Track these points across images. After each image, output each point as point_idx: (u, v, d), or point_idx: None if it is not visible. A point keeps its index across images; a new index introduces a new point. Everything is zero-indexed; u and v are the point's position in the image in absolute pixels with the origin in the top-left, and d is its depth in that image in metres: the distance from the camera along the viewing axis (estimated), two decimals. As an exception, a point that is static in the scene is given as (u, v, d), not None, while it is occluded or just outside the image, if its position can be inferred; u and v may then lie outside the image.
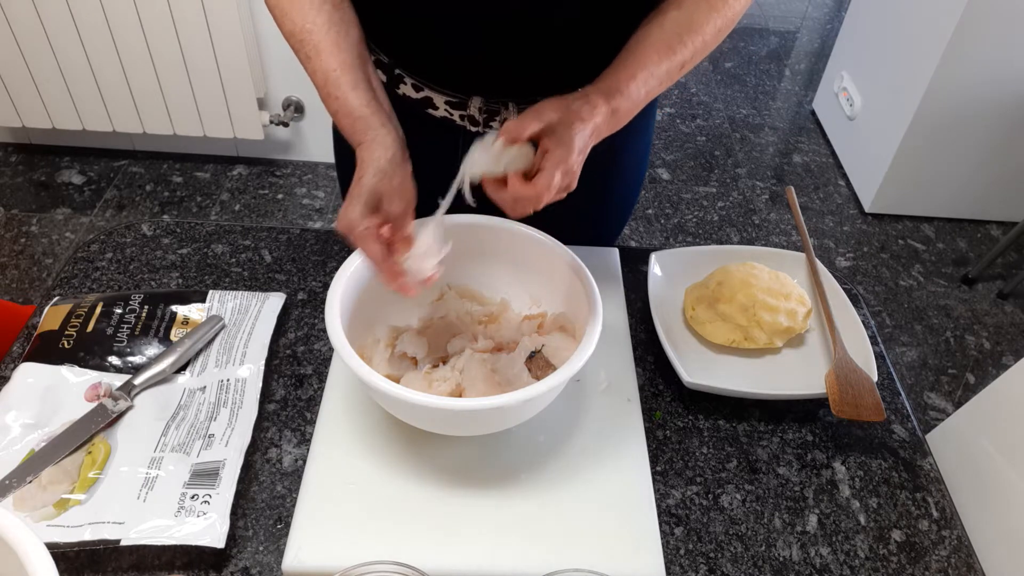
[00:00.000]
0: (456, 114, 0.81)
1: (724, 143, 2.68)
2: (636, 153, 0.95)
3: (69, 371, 0.74)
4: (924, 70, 2.10)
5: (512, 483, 0.69)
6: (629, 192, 1.01)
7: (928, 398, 1.90)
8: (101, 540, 0.61)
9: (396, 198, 0.64)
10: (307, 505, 0.66)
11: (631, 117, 0.70)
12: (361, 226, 0.62)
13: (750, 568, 0.67)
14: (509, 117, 0.80)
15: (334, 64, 0.68)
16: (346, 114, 0.67)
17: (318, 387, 0.77)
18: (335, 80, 0.68)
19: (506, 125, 0.63)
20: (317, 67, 0.69)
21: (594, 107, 0.65)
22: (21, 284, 1.96)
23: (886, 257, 2.29)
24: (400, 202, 0.64)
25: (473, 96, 0.79)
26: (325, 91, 0.69)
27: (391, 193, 0.64)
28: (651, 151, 0.79)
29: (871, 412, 0.75)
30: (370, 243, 0.62)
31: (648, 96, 0.70)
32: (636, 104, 0.69)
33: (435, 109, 0.81)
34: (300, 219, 2.22)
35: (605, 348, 0.80)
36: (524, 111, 0.65)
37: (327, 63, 0.68)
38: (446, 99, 0.80)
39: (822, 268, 0.91)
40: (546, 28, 0.73)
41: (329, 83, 0.68)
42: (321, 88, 0.69)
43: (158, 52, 1.98)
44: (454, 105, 0.80)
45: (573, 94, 0.67)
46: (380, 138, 0.66)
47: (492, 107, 0.80)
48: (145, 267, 0.89)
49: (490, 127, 0.81)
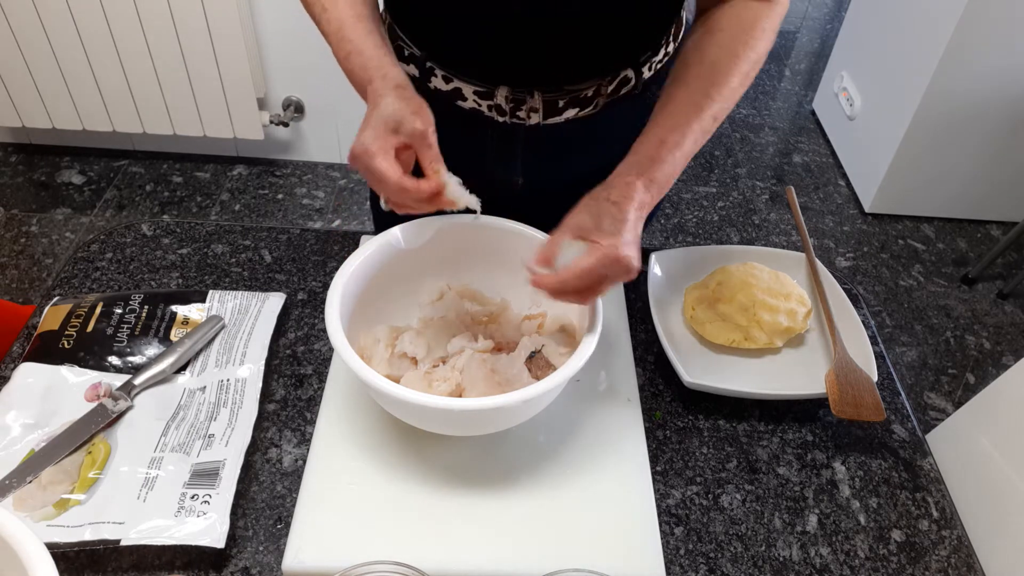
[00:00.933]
0: (484, 104, 0.81)
1: (724, 143, 2.68)
2: None
3: (69, 371, 0.74)
4: (924, 70, 2.10)
5: (512, 483, 0.69)
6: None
7: (928, 398, 1.90)
8: (101, 540, 0.61)
9: (417, 117, 0.64)
10: (307, 505, 0.66)
11: (673, 179, 0.69)
12: (376, 145, 0.62)
13: (750, 568, 0.67)
14: (535, 106, 0.80)
15: (350, 13, 0.70)
16: (358, 53, 0.68)
17: (318, 387, 0.77)
18: (351, 26, 0.69)
19: (544, 247, 0.64)
20: (332, 16, 0.70)
21: (630, 187, 0.65)
22: (21, 284, 1.96)
23: (886, 257, 2.29)
24: (423, 120, 0.64)
25: (500, 86, 0.79)
26: (339, 36, 0.69)
27: (411, 113, 0.64)
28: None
29: (871, 412, 0.75)
30: (385, 160, 0.62)
31: (685, 156, 0.69)
32: (673, 166, 0.68)
33: (464, 100, 0.82)
34: (300, 219, 2.22)
35: (605, 348, 0.80)
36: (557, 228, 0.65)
37: (343, 12, 0.70)
38: (475, 89, 0.81)
39: (822, 268, 0.91)
40: (570, 18, 0.73)
41: (344, 28, 0.69)
42: (334, 35, 0.70)
43: (158, 52, 1.98)
44: (482, 95, 0.81)
45: (607, 181, 0.67)
46: (391, 74, 0.66)
47: (518, 96, 0.80)
48: (145, 267, 0.89)
49: (517, 117, 0.82)
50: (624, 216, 0.63)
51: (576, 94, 0.80)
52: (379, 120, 0.63)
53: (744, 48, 0.70)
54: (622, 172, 0.67)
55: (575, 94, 0.80)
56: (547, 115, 0.81)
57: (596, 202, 0.65)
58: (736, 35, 0.70)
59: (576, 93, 0.80)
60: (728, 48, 0.70)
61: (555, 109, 0.81)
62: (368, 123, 0.63)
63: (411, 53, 0.82)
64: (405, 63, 0.83)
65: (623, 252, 0.61)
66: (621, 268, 0.62)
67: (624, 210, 0.63)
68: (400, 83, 0.66)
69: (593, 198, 0.66)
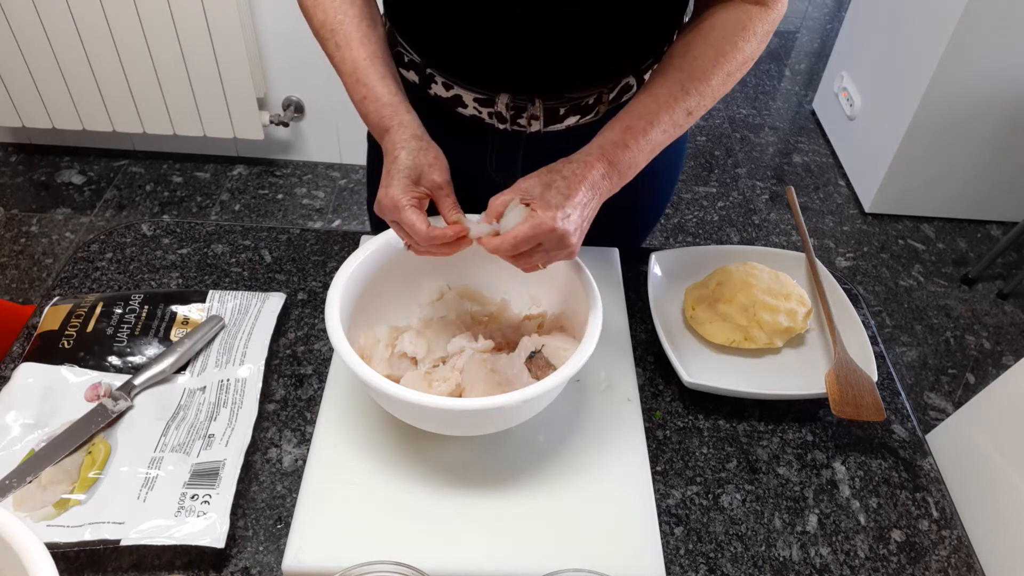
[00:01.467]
0: (485, 111, 0.82)
1: (724, 143, 2.68)
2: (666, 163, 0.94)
3: (69, 371, 0.74)
4: (924, 70, 2.10)
5: (512, 483, 0.69)
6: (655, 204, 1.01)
7: (928, 398, 1.90)
8: (101, 540, 0.61)
9: (435, 169, 0.66)
10: (307, 505, 0.66)
11: (637, 168, 0.69)
12: (405, 199, 0.64)
13: (750, 568, 0.67)
14: (536, 113, 0.80)
15: (364, 55, 0.71)
16: (374, 99, 0.70)
17: (318, 387, 0.77)
18: (364, 69, 0.70)
19: (489, 204, 0.66)
20: (346, 56, 0.71)
21: (589, 166, 0.66)
22: (21, 284, 1.96)
23: (886, 257, 2.29)
24: (440, 172, 0.67)
25: (501, 93, 0.79)
26: (354, 78, 0.71)
27: (430, 165, 0.66)
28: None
29: (871, 412, 0.75)
30: (415, 214, 0.64)
31: (654, 146, 0.69)
32: (638, 153, 0.68)
33: (464, 107, 0.82)
34: (300, 219, 2.22)
35: (605, 348, 0.80)
36: (506, 189, 0.66)
37: (357, 53, 0.71)
38: (475, 96, 0.81)
39: (822, 268, 0.91)
40: (571, 25, 0.73)
41: (359, 71, 0.70)
42: (349, 76, 0.71)
43: (158, 52, 1.99)
44: (483, 102, 0.81)
45: (570, 156, 0.67)
46: (407, 122, 0.68)
47: (519, 103, 0.80)
48: (145, 267, 0.89)
49: (518, 124, 0.82)
50: (571, 192, 0.64)
51: (578, 101, 0.80)
52: (402, 173, 0.65)
53: (731, 48, 0.70)
54: (585, 152, 0.67)
55: (576, 101, 0.80)
56: (548, 122, 0.81)
57: (550, 173, 0.65)
58: (725, 35, 0.70)
59: (578, 100, 0.80)
60: (715, 46, 0.70)
61: (556, 116, 0.81)
62: (391, 176, 0.66)
63: (411, 59, 0.82)
64: (405, 69, 0.83)
65: (558, 224, 0.61)
66: (555, 239, 0.62)
67: (573, 186, 0.64)
68: (416, 133, 0.68)
69: (549, 169, 0.66)
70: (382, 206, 0.66)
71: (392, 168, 0.66)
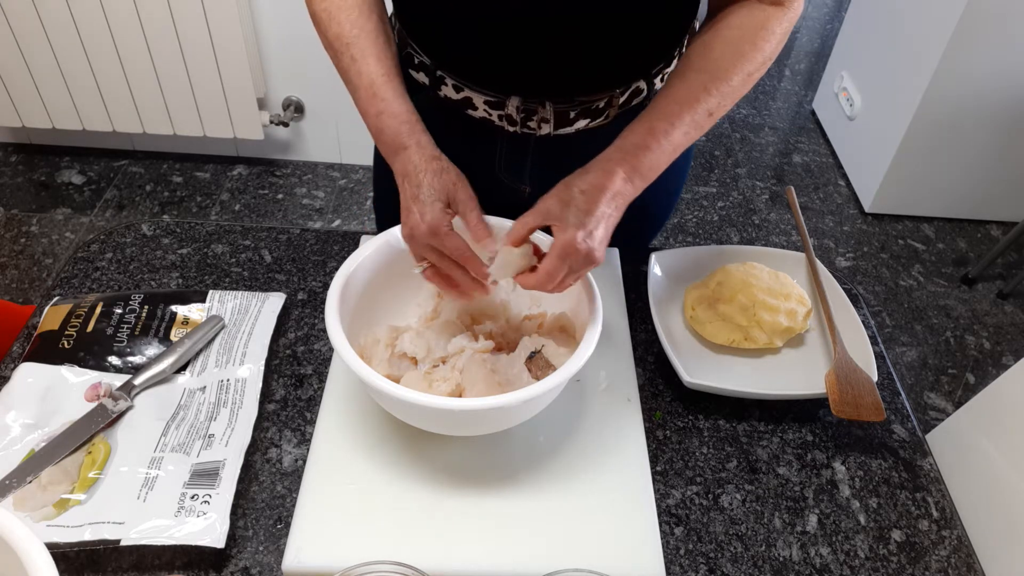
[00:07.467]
0: (495, 114, 0.81)
1: (724, 143, 2.68)
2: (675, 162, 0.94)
3: (69, 371, 0.74)
4: (924, 70, 2.10)
5: (512, 483, 0.69)
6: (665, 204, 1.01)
7: (928, 398, 1.90)
8: (101, 540, 0.61)
9: (459, 188, 0.67)
10: (307, 505, 0.66)
11: (659, 169, 0.69)
12: (445, 223, 0.65)
13: (750, 568, 0.67)
14: (546, 116, 0.80)
15: (381, 71, 0.71)
16: (392, 115, 0.70)
17: (318, 387, 0.77)
18: (382, 85, 0.71)
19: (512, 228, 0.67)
20: (363, 70, 0.71)
21: (609, 174, 0.66)
22: (21, 284, 1.96)
23: (886, 257, 2.29)
24: (464, 188, 0.67)
25: (511, 96, 0.79)
26: (370, 92, 0.71)
27: (454, 184, 0.67)
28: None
29: (871, 412, 0.75)
30: (459, 237, 0.65)
31: (675, 147, 0.69)
32: (660, 155, 0.68)
33: (474, 110, 0.82)
34: (300, 219, 2.22)
35: (605, 348, 0.80)
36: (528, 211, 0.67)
37: (374, 68, 0.71)
38: (485, 99, 0.81)
39: (822, 268, 0.91)
40: (580, 27, 0.73)
41: (376, 86, 0.70)
42: (365, 89, 0.71)
43: (158, 52, 1.99)
44: (493, 105, 0.81)
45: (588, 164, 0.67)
46: (424, 143, 0.69)
47: (530, 106, 0.80)
48: (145, 267, 0.89)
49: (528, 127, 0.82)
50: (591, 207, 0.64)
51: (588, 105, 0.80)
52: (434, 198, 0.66)
53: (750, 48, 0.70)
54: (606, 157, 0.67)
55: (587, 105, 0.80)
56: (558, 125, 0.81)
57: (568, 188, 0.65)
58: (744, 35, 0.70)
59: (588, 104, 0.80)
60: (734, 46, 0.70)
61: (566, 119, 0.81)
62: (424, 203, 0.66)
63: (421, 61, 0.82)
64: (415, 71, 0.83)
65: (580, 244, 0.63)
66: (580, 259, 0.63)
67: (592, 200, 0.64)
68: (435, 154, 0.69)
69: (567, 183, 0.66)
70: (418, 232, 0.66)
71: (420, 193, 0.66)
